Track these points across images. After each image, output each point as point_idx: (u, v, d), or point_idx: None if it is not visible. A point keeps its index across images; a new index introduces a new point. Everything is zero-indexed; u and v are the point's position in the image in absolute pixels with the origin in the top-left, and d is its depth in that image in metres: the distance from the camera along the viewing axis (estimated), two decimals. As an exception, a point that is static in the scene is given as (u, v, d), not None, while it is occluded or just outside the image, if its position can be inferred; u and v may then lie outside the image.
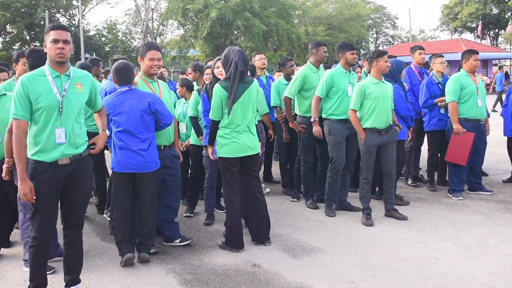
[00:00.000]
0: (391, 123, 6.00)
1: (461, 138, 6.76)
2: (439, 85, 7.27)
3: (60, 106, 3.75)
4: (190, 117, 6.20)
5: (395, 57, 7.12)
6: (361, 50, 51.91)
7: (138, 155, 4.68)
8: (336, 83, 6.14)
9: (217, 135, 5.12)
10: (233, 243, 5.14)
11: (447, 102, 6.92)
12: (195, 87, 6.73)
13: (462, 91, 6.82)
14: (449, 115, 6.98)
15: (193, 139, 6.37)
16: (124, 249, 4.76)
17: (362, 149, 5.92)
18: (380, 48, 59.19)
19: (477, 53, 7.09)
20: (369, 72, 6.12)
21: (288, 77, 7.32)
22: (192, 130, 6.29)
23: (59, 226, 4.21)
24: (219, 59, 6.06)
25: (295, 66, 7.66)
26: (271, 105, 7.17)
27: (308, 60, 6.61)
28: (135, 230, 4.88)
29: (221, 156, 5.10)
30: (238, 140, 5.04)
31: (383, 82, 5.96)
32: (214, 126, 5.10)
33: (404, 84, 6.89)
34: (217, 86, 5.01)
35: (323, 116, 6.31)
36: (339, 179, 6.25)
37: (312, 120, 6.26)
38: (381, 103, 5.85)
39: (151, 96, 4.82)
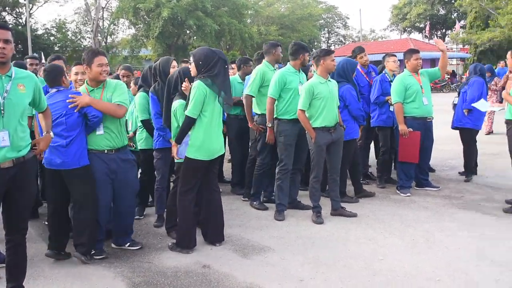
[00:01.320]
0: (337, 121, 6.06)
1: (408, 138, 6.89)
2: (391, 83, 7.39)
3: (2, 108, 3.62)
4: (142, 121, 5.98)
5: (349, 57, 7.21)
6: (313, 49, 52.46)
7: (58, 151, 4.62)
8: (287, 83, 6.15)
9: (189, 135, 5.01)
10: (184, 243, 5.08)
11: (392, 103, 7.04)
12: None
13: (407, 91, 6.95)
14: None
15: (146, 143, 6.15)
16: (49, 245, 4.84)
17: (313, 148, 5.94)
18: (332, 47, 59.94)
19: (418, 52, 7.24)
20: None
21: (244, 77, 7.32)
22: (143, 133, 6.12)
23: (1, 231, 4.06)
24: (174, 59, 6.02)
25: (252, 67, 7.64)
26: None
27: (263, 60, 6.59)
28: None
29: (192, 158, 4.98)
30: (213, 141, 5.00)
31: (329, 80, 6.01)
32: (190, 124, 4.94)
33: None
34: (199, 83, 4.89)
35: (274, 116, 6.31)
36: (288, 180, 6.24)
37: (268, 125, 6.24)
38: (329, 102, 5.89)
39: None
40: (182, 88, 5.25)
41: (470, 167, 8.02)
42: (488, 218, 5.94)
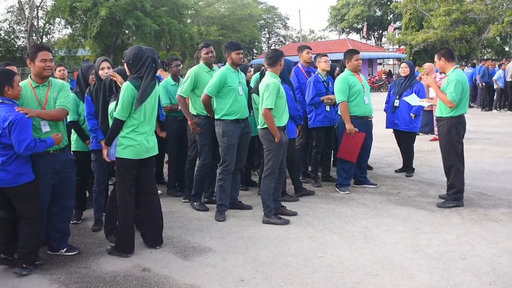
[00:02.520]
0: None
1: (352, 137, 7.02)
2: (324, 83, 7.50)
3: None
4: (70, 122, 5.81)
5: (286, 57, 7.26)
6: (254, 49, 52.79)
7: None
8: (228, 82, 6.13)
9: (118, 136, 4.91)
10: (123, 247, 4.99)
11: (337, 102, 7.14)
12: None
13: (350, 90, 7.07)
14: (339, 113, 7.22)
15: (76, 145, 6.01)
16: None
17: (274, 148, 5.89)
18: (273, 47, 60.39)
19: (358, 52, 7.38)
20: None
21: (175, 77, 7.26)
22: (74, 134, 5.98)
23: None
24: (104, 59, 5.88)
25: (181, 65, 7.57)
26: (163, 104, 7.03)
27: (200, 61, 6.54)
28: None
29: (122, 158, 4.89)
30: (142, 141, 4.90)
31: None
32: (119, 126, 4.86)
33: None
34: (128, 84, 4.80)
35: (216, 117, 6.28)
36: (229, 181, 6.22)
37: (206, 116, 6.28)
38: (285, 102, 6.00)
39: (16, 116, 4.35)
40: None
41: (410, 164, 8.28)
42: (423, 213, 6.13)
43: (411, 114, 8.03)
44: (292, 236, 5.42)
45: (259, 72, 6.90)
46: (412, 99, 7.40)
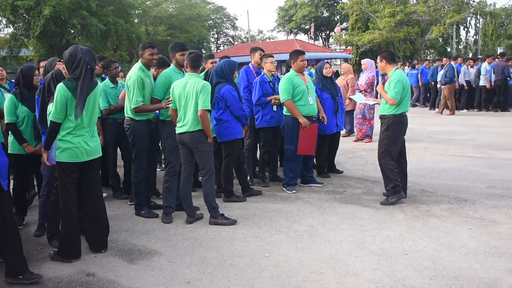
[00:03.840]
0: None
1: (307, 131, 7.09)
2: (270, 83, 7.54)
3: None
4: (7, 123, 5.63)
5: (228, 57, 7.26)
6: (203, 50, 52.54)
7: None
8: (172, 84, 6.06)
9: (56, 139, 4.77)
10: (68, 252, 4.87)
11: (282, 101, 7.18)
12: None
13: (295, 90, 7.13)
14: (284, 113, 7.28)
15: (13, 148, 5.82)
16: None
17: (208, 149, 5.85)
18: (221, 48, 60.38)
19: (303, 53, 7.46)
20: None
21: (113, 80, 7.12)
22: (11, 136, 5.80)
23: None
24: (59, 60, 5.73)
25: (119, 68, 7.42)
26: (101, 108, 6.81)
27: (139, 62, 6.41)
28: None
29: (60, 161, 4.77)
30: (82, 143, 4.78)
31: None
32: (55, 129, 4.72)
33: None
34: (61, 85, 4.67)
35: (161, 118, 6.22)
36: (176, 182, 6.16)
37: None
38: None
39: None
40: None
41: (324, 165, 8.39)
42: (368, 211, 6.24)
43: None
44: (239, 237, 5.42)
45: (204, 73, 6.88)
46: (359, 98, 7.56)
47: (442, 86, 17.42)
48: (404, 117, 6.59)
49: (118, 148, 7.37)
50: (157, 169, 7.47)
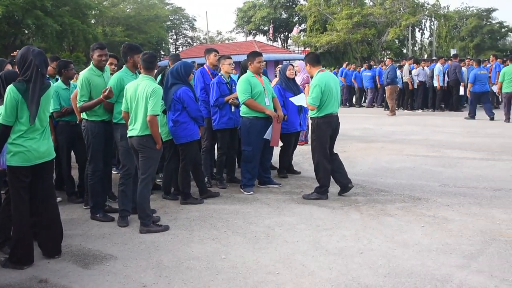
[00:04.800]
0: None
1: (276, 124, 7.24)
2: (227, 85, 7.54)
3: None
4: None
5: (181, 58, 7.24)
6: (161, 51, 52.17)
7: None
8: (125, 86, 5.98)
9: (7, 142, 4.63)
10: (19, 258, 4.73)
11: (242, 103, 7.17)
12: None
13: (252, 91, 7.15)
14: (242, 114, 7.29)
15: None
16: None
17: (155, 155, 5.78)
18: (180, 49, 60.00)
19: (261, 55, 7.49)
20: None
21: (66, 81, 6.98)
22: None
23: None
24: (10, 62, 5.59)
25: (73, 69, 7.30)
26: (51, 110, 6.67)
27: (91, 63, 6.29)
28: None
29: (11, 165, 4.63)
30: (33, 146, 4.65)
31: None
32: (5, 132, 4.58)
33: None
34: (11, 87, 4.53)
35: (114, 121, 6.13)
36: (131, 185, 6.07)
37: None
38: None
39: None
40: None
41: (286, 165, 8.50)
42: (324, 211, 6.30)
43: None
44: (196, 239, 5.40)
45: (161, 74, 6.83)
46: (299, 100, 7.69)
47: (385, 87, 17.86)
48: (328, 118, 6.82)
49: (72, 151, 7.24)
50: (113, 172, 7.37)
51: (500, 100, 17.82)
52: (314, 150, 6.91)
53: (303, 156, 9.71)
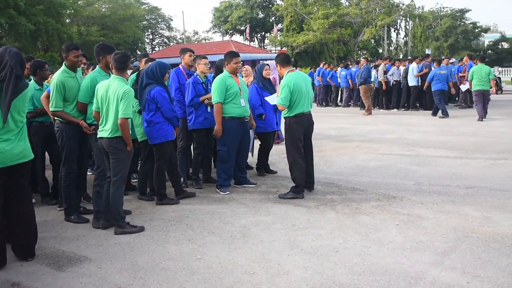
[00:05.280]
0: None
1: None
2: (203, 85, 7.52)
3: None
4: None
5: (154, 59, 7.20)
6: (137, 51, 51.84)
7: None
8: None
9: None
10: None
11: (213, 103, 7.17)
12: None
13: (227, 91, 7.14)
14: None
15: None
16: None
17: (126, 157, 5.71)
18: (156, 49, 59.68)
19: (238, 56, 7.49)
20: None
21: (40, 81, 6.89)
22: None
23: None
24: None
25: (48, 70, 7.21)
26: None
27: (64, 64, 6.18)
28: None
29: None
30: (7, 148, 4.58)
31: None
32: None
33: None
34: None
35: (88, 122, 6.06)
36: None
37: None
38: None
39: None
40: None
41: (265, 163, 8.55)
42: (300, 210, 6.32)
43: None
44: (171, 240, 5.37)
45: (135, 74, 6.79)
46: (272, 99, 7.73)
47: (359, 87, 18.06)
48: (300, 117, 6.90)
49: (46, 152, 7.14)
50: (88, 173, 7.30)
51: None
52: (288, 150, 6.99)
53: (279, 155, 9.73)
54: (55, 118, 6.14)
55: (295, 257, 4.80)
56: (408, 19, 53.75)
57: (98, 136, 5.72)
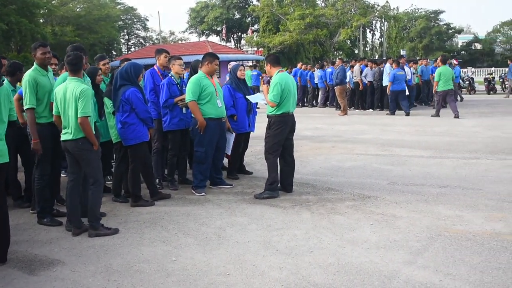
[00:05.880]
0: None
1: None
2: (178, 86, 7.49)
3: None
4: None
5: (129, 59, 7.15)
6: (113, 51, 51.42)
7: None
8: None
9: None
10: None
11: (186, 101, 7.14)
12: None
13: (203, 92, 7.12)
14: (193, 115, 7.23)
15: None
16: None
17: (93, 156, 5.61)
18: (132, 49, 59.27)
19: (218, 58, 7.51)
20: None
21: (15, 83, 6.79)
22: None
23: None
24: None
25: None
26: None
27: (35, 63, 6.07)
28: None
29: None
30: None
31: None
32: None
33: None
34: None
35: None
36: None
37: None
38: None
39: None
40: None
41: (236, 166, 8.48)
42: (276, 210, 6.34)
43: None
44: (146, 242, 5.34)
45: (109, 75, 6.73)
46: (256, 98, 7.75)
47: (335, 87, 18.26)
48: (285, 117, 6.99)
49: (18, 154, 7.04)
50: (62, 175, 7.21)
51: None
52: (268, 147, 7.06)
53: (255, 156, 9.75)
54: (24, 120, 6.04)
55: (270, 257, 4.81)
56: (383, 20, 54.26)
57: (62, 139, 5.61)
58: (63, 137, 5.58)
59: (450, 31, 64.85)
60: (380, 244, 5.07)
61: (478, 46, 64.46)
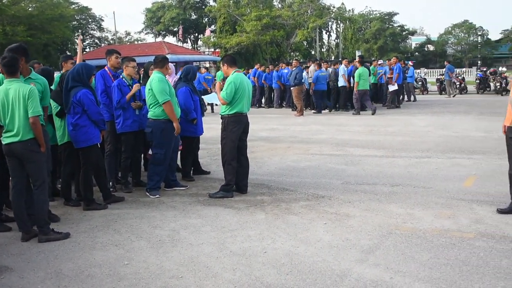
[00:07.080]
0: None
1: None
2: (130, 87, 7.38)
3: None
4: None
5: (84, 60, 7.03)
6: (67, 52, 50.43)
7: None
8: None
9: None
10: None
11: (161, 102, 6.92)
12: None
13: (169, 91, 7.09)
14: (154, 117, 7.03)
15: None
16: None
17: (41, 158, 5.47)
18: (88, 50, 58.26)
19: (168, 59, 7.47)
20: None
21: None
22: None
23: None
24: None
25: None
26: None
27: None
28: None
29: None
30: None
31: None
32: None
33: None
34: None
35: None
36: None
37: None
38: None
39: None
40: None
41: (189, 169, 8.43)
42: (230, 212, 6.33)
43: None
44: (98, 246, 5.25)
45: (58, 76, 6.60)
46: (211, 98, 7.76)
47: (291, 88, 18.53)
48: (238, 117, 7.04)
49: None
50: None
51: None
52: (223, 148, 7.10)
53: (211, 157, 9.73)
54: None
55: (223, 259, 4.80)
56: (339, 21, 55.01)
57: (5, 143, 5.40)
58: (6, 140, 5.38)
59: (404, 32, 66.24)
60: (333, 243, 5.13)
61: (431, 47, 66.08)
